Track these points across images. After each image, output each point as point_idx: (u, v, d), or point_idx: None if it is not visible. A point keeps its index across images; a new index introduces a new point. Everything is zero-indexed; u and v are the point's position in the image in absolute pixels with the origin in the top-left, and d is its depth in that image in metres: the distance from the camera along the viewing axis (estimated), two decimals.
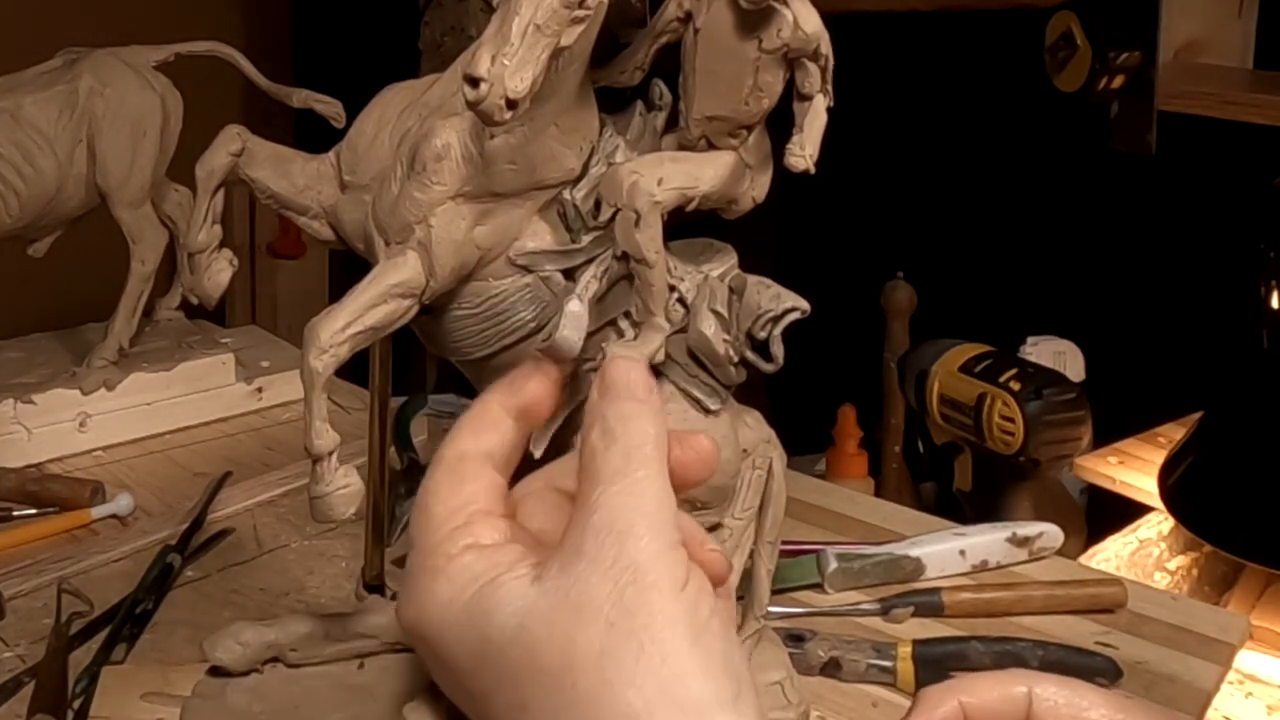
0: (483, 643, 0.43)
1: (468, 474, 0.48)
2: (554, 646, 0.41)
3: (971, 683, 0.48)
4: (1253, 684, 1.14)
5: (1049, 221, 1.82)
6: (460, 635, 0.44)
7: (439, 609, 0.44)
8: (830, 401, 1.73)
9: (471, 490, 0.47)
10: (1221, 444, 1.27)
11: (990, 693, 0.47)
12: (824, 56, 0.63)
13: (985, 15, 1.62)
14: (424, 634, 0.45)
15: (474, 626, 0.43)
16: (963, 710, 0.47)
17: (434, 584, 0.45)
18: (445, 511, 0.46)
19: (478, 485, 0.48)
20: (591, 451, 0.45)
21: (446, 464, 0.48)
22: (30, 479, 1.00)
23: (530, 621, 0.42)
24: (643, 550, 0.42)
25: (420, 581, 0.45)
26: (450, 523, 0.46)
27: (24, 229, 1.05)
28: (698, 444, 0.48)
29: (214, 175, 0.67)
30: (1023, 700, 0.47)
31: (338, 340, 0.59)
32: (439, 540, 0.46)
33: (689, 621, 0.41)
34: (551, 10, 0.53)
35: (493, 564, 0.44)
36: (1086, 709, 0.47)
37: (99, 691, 0.75)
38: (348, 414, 1.09)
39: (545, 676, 0.41)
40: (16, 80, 1.03)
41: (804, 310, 0.68)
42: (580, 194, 0.64)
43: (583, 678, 0.40)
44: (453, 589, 0.44)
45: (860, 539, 0.98)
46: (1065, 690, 0.47)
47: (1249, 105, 1.39)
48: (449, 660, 0.44)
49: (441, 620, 0.44)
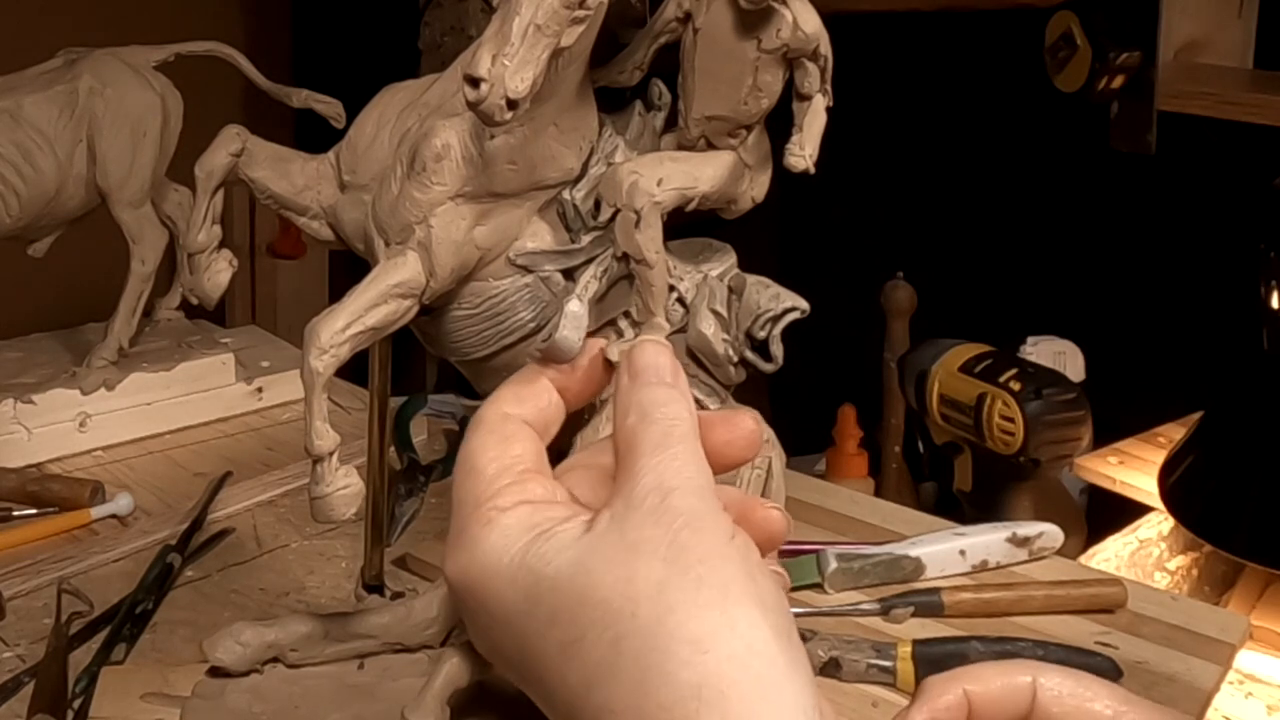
0: (535, 581, 0.43)
1: (513, 434, 0.48)
2: (613, 579, 0.41)
3: (976, 672, 0.48)
4: (1253, 684, 1.14)
5: (1049, 221, 1.82)
6: (513, 576, 0.43)
7: (492, 555, 0.44)
8: (830, 401, 1.73)
9: (519, 450, 0.48)
10: (1221, 444, 1.27)
11: (995, 682, 0.47)
12: (823, 56, 0.63)
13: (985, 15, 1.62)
14: (472, 582, 0.45)
15: (528, 569, 0.43)
16: (967, 699, 0.47)
17: (487, 534, 0.44)
18: (495, 469, 0.46)
19: (524, 446, 0.48)
20: (630, 432, 0.45)
21: (489, 424, 0.48)
22: (30, 479, 1.00)
23: (588, 559, 0.42)
24: (690, 505, 0.42)
25: (471, 532, 0.45)
26: (501, 479, 0.46)
27: (24, 229, 1.05)
28: (741, 423, 0.48)
29: (214, 175, 0.67)
30: (1027, 690, 0.47)
31: (338, 340, 0.59)
32: (491, 494, 0.46)
33: (743, 562, 0.42)
34: (552, 11, 0.53)
35: (546, 517, 0.44)
36: (1091, 699, 0.46)
37: (99, 691, 0.75)
38: (348, 414, 1.09)
39: (603, 607, 0.41)
40: (16, 80, 1.03)
41: (803, 310, 0.68)
42: (580, 194, 0.64)
43: (643, 607, 0.40)
44: (506, 539, 0.44)
45: (860, 539, 0.98)
46: (1070, 681, 0.47)
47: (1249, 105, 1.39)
48: (497, 606, 0.44)
49: (495, 566, 0.44)
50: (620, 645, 0.40)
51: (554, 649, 0.42)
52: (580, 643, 0.41)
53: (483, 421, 0.49)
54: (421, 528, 0.98)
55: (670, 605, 0.40)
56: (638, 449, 0.44)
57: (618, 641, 0.40)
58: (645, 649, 0.40)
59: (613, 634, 0.40)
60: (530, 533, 0.44)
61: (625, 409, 0.46)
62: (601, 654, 0.40)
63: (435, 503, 1.02)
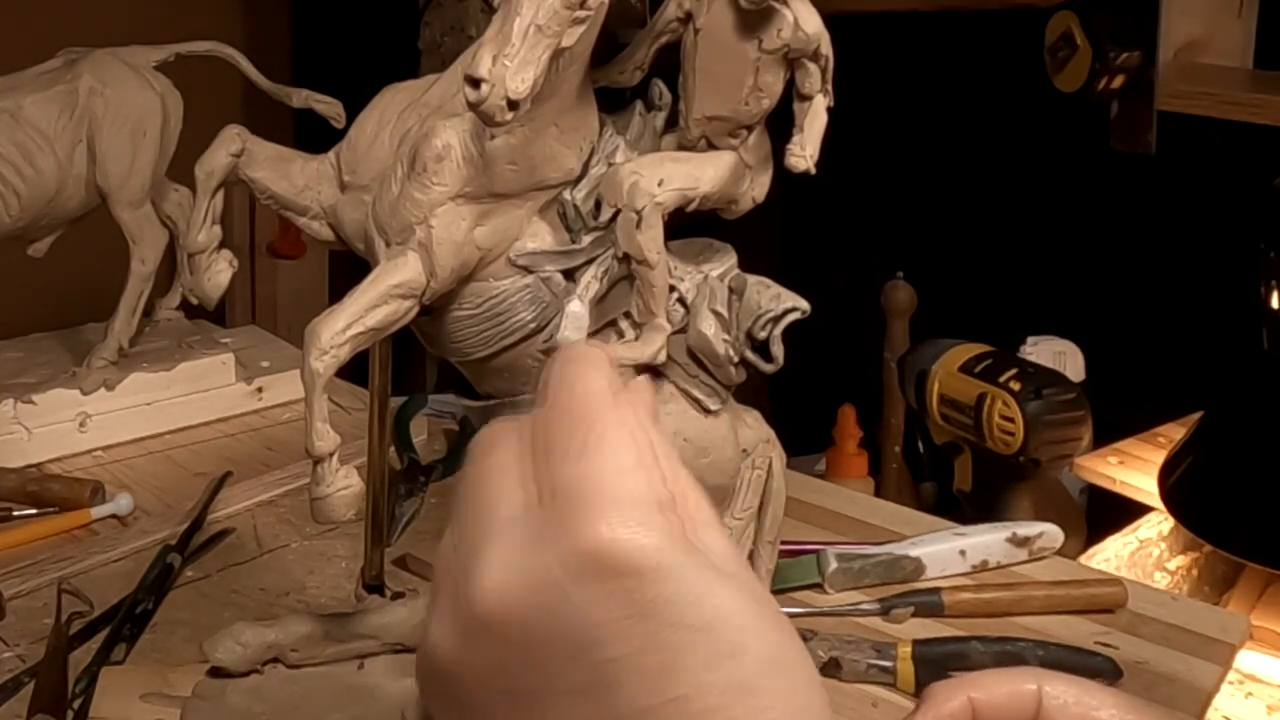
0: (714, 568, 0.42)
1: (646, 431, 0.45)
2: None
3: (981, 679, 0.48)
4: (1253, 684, 1.14)
5: (1049, 221, 1.82)
6: (694, 564, 0.42)
7: (674, 551, 0.42)
8: (830, 401, 1.73)
9: (653, 446, 0.45)
10: (1221, 444, 1.27)
11: (1000, 689, 0.47)
12: (824, 57, 0.63)
13: (985, 15, 1.62)
14: (639, 571, 0.41)
15: (703, 560, 0.42)
16: (972, 706, 0.47)
17: (650, 524, 0.42)
18: (654, 471, 0.44)
19: (654, 441, 0.45)
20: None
21: (613, 406, 0.45)
22: (30, 479, 1.00)
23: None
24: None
25: (654, 520, 0.42)
26: (660, 477, 0.44)
27: (24, 229, 1.05)
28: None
29: (214, 175, 0.67)
30: (1032, 698, 0.47)
31: (339, 341, 0.59)
32: (656, 488, 0.43)
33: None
34: (552, 11, 0.53)
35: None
36: (1097, 708, 0.46)
37: (99, 691, 0.75)
38: (348, 414, 1.09)
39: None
40: (16, 80, 1.03)
41: (804, 310, 0.68)
42: (580, 194, 0.64)
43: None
44: (679, 538, 0.43)
45: (860, 539, 0.98)
46: (1075, 689, 0.47)
47: (1249, 105, 1.39)
48: (679, 590, 0.41)
49: (679, 557, 0.42)
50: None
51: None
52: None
53: (611, 400, 0.45)
54: (421, 528, 0.99)
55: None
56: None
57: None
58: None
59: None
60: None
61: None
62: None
63: (435, 503, 1.02)
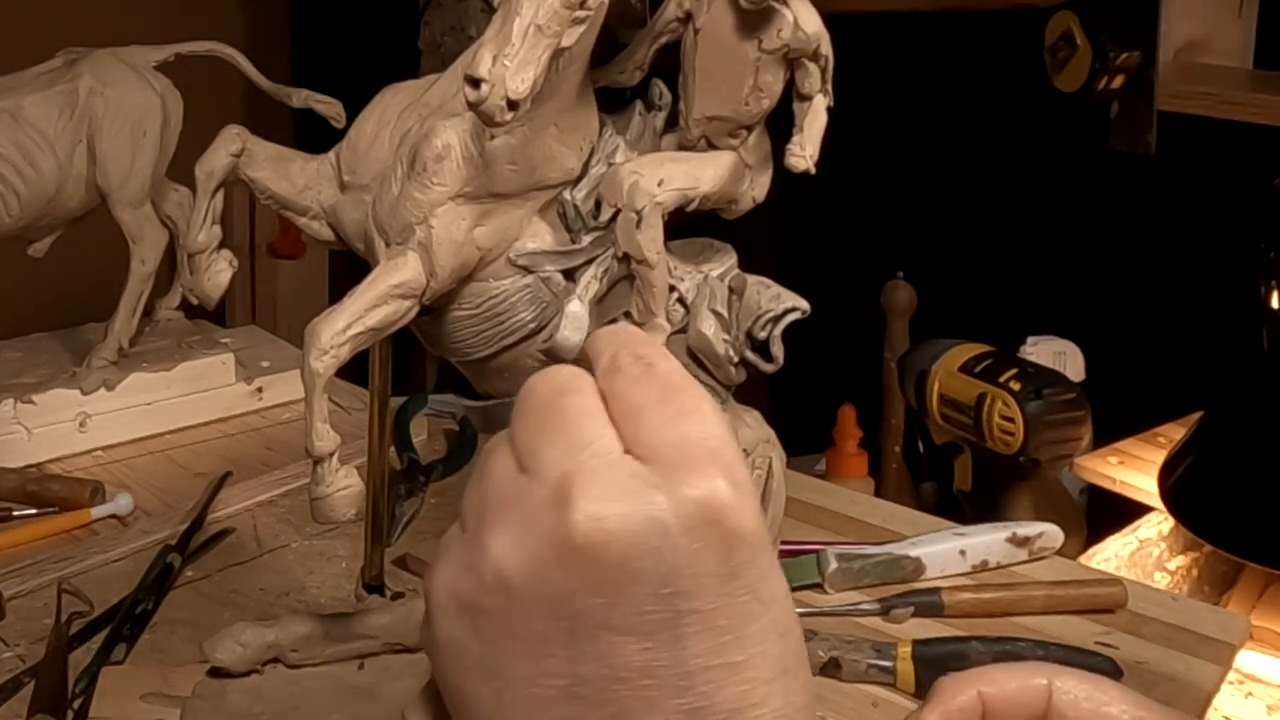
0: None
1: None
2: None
3: (991, 674, 0.48)
4: (1253, 684, 1.14)
5: (1049, 221, 1.82)
6: (769, 541, 0.43)
7: (761, 520, 0.42)
8: (830, 401, 1.73)
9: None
10: (1221, 444, 1.27)
11: (1010, 684, 0.47)
12: (824, 57, 0.63)
13: (985, 15, 1.62)
14: (739, 532, 0.41)
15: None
16: (981, 701, 0.47)
17: (751, 493, 0.43)
18: (730, 434, 0.45)
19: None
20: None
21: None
22: (30, 479, 1.00)
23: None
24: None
25: (748, 487, 0.42)
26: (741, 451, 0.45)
27: (24, 229, 1.05)
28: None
29: (214, 175, 0.67)
30: (1043, 692, 0.47)
31: (339, 341, 0.59)
32: (741, 457, 0.43)
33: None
34: (552, 11, 0.53)
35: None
36: (1107, 704, 0.46)
37: (99, 691, 0.75)
38: (348, 414, 1.09)
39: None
40: (16, 80, 1.03)
41: (804, 310, 0.68)
42: (580, 194, 0.64)
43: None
44: (759, 507, 0.43)
45: (860, 539, 0.98)
46: (1086, 684, 0.47)
47: (1249, 105, 1.39)
48: (762, 559, 0.41)
49: (763, 527, 0.42)
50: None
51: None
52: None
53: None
54: (421, 528, 0.99)
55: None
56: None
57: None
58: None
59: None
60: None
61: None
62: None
63: (435, 503, 1.02)
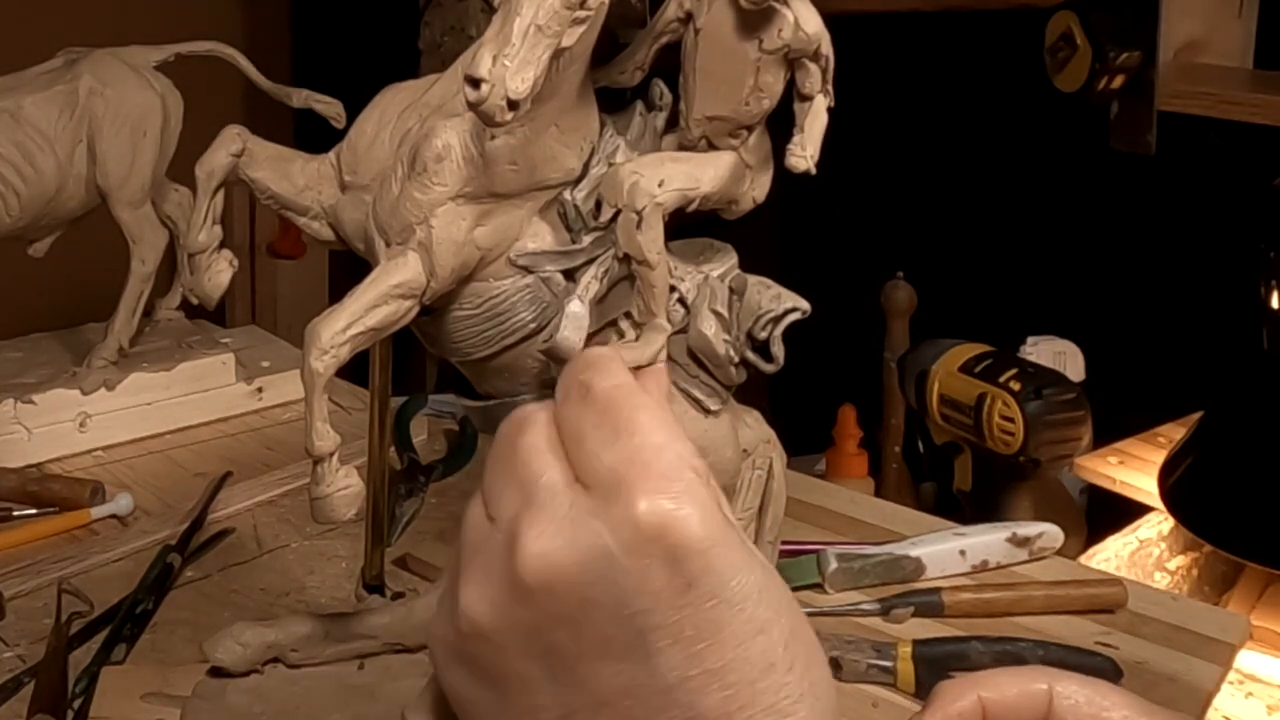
0: (748, 548, 0.44)
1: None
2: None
3: (991, 678, 0.48)
4: (1253, 684, 1.14)
5: (1049, 221, 1.82)
6: (733, 542, 0.43)
7: (718, 526, 0.43)
8: (830, 401, 1.73)
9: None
10: (1221, 444, 1.27)
11: (1010, 689, 0.47)
12: (825, 57, 0.63)
13: (985, 15, 1.62)
14: (687, 544, 0.42)
15: (740, 539, 0.44)
16: (982, 706, 0.47)
17: (695, 497, 0.43)
18: (687, 445, 0.45)
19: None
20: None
21: (642, 393, 0.46)
22: (30, 479, 1.00)
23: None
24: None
25: (699, 495, 0.43)
26: (696, 456, 0.45)
27: (24, 229, 1.05)
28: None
29: (214, 175, 0.67)
30: (1043, 697, 0.46)
31: (339, 341, 0.59)
32: (694, 466, 0.44)
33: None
34: (553, 11, 0.53)
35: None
36: (1108, 708, 0.46)
37: (99, 691, 0.75)
38: (348, 414, 1.09)
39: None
40: (16, 80, 1.03)
41: (804, 310, 0.68)
42: (581, 194, 0.64)
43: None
44: (720, 515, 0.44)
45: (860, 539, 0.98)
46: (1087, 689, 0.46)
47: (1249, 105, 1.39)
48: (720, 565, 0.43)
49: (721, 533, 0.43)
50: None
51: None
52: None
53: (638, 388, 0.47)
54: (421, 528, 0.99)
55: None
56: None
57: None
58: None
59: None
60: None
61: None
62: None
63: (435, 503, 1.02)
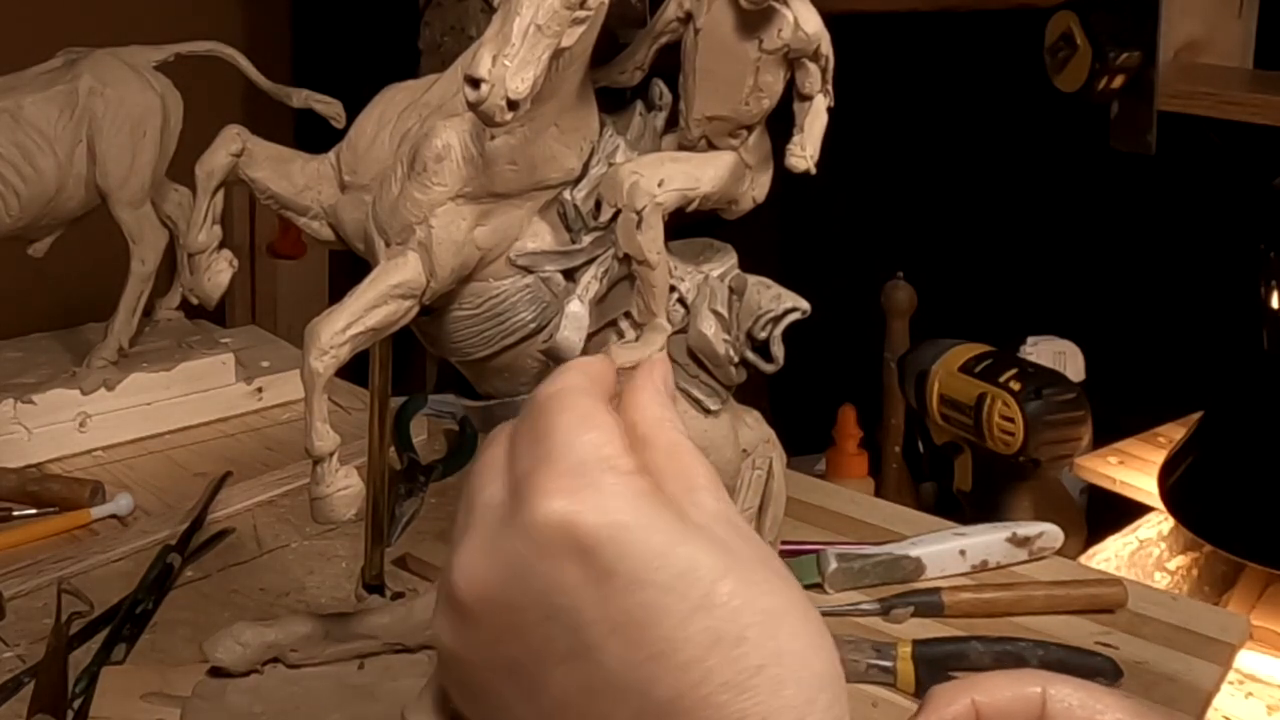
0: (683, 524, 0.42)
1: (602, 411, 0.45)
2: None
3: (985, 681, 0.47)
4: (1253, 684, 1.14)
5: (1049, 221, 1.82)
6: (653, 523, 0.42)
7: (625, 511, 0.42)
8: (830, 401, 1.73)
9: (613, 423, 0.45)
10: (1221, 444, 1.27)
11: (1004, 692, 0.47)
12: (824, 57, 0.63)
13: (985, 15, 1.62)
14: (591, 535, 0.42)
15: (668, 517, 0.42)
16: (975, 709, 0.47)
17: (600, 488, 0.42)
18: (602, 436, 0.44)
19: (613, 421, 0.45)
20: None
21: (575, 395, 0.45)
22: (30, 479, 1.00)
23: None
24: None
25: (603, 484, 0.42)
26: (612, 444, 0.44)
27: (24, 229, 1.05)
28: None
29: (214, 175, 0.67)
30: (1037, 700, 0.46)
31: (338, 341, 0.59)
32: (604, 456, 0.43)
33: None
34: (552, 11, 0.53)
35: (654, 486, 0.43)
36: (1102, 711, 0.46)
37: (99, 691, 0.75)
38: (348, 414, 1.09)
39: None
40: (16, 80, 1.03)
41: (804, 310, 0.68)
42: (580, 194, 0.64)
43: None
44: (634, 499, 0.42)
45: (860, 539, 0.98)
46: (1080, 692, 0.46)
47: (1249, 105, 1.39)
48: (635, 549, 0.42)
49: (631, 517, 0.42)
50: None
51: (720, 570, 0.41)
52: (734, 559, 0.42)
53: (569, 392, 0.46)
54: (421, 528, 0.99)
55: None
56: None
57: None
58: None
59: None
60: (649, 496, 0.42)
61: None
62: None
63: (435, 503, 1.02)
